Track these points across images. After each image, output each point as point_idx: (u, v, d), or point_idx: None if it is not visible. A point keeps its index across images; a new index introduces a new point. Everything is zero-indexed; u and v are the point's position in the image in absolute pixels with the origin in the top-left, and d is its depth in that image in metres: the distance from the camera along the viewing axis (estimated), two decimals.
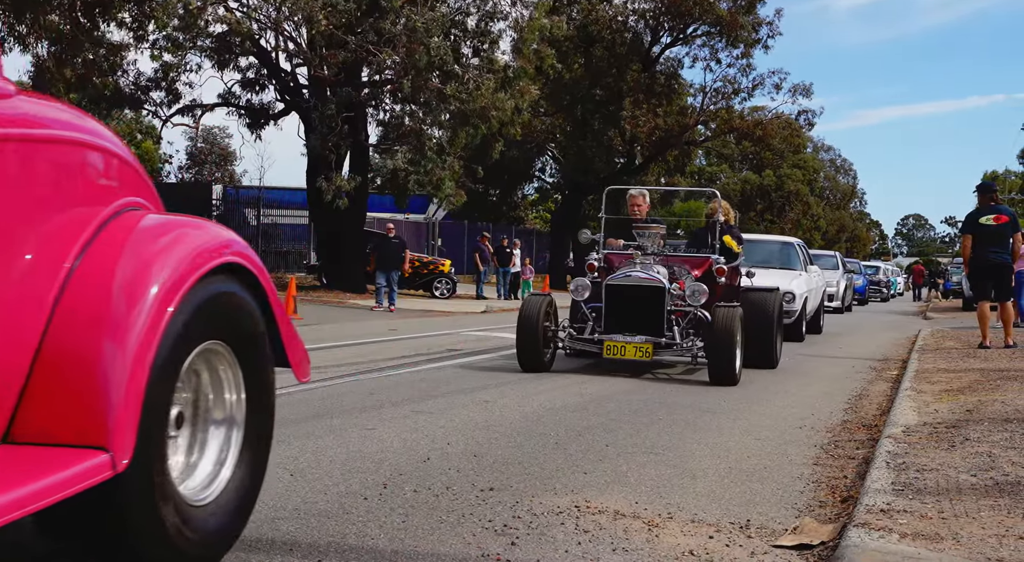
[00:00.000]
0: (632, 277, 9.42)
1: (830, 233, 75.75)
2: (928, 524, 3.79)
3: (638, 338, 9.19)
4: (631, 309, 9.37)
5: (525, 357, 9.45)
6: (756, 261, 15.46)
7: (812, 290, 16.21)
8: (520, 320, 9.43)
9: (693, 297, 9.30)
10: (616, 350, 9.15)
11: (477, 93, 23.07)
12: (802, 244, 17.88)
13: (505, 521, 4.03)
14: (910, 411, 6.82)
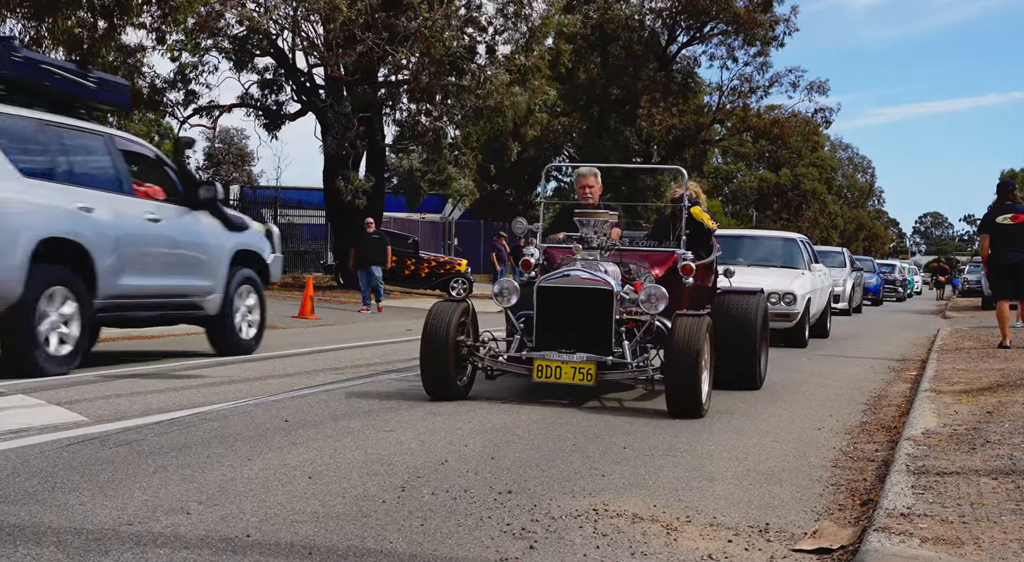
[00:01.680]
0: (571, 277, 7.39)
1: (848, 232, 75.45)
2: (949, 529, 3.77)
3: (578, 356, 7.10)
4: (570, 319, 7.33)
5: (431, 380, 7.35)
6: (757, 259, 14.82)
7: (816, 291, 14.81)
8: (424, 333, 7.34)
9: (649, 303, 7.23)
10: (549, 372, 7.07)
11: (491, 87, 23.08)
12: (806, 240, 16.62)
13: (523, 524, 4.03)
14: (929, 413, 6.79)
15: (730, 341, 8.39)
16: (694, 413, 6.86)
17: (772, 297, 12.84)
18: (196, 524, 3.86)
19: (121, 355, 10.43)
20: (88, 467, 4.81)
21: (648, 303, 7.26)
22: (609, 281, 7.36)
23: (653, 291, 7.27)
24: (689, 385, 6.79)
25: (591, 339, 7.26)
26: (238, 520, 3.93)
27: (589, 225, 7.79)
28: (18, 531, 3.69)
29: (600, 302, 7.31)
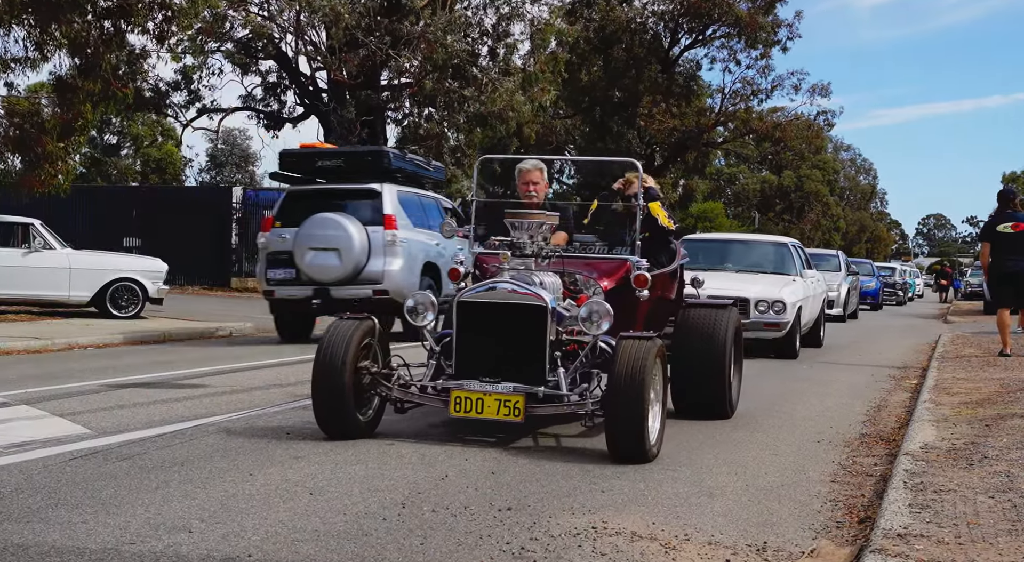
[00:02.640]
0: (497, 291, 6.17)
1: (850, 234, 75.44)
2: (945, 550, 3.80)
3: (504, 386, 5.92)
4: (495, 341, 6.14)
5: (325, 415, 6.14)
6: (746, 265, 14.25)
7: (809, 298, 14.01)
8: (317, 358, 6.11)
9: (590, 321, 6.02)
10: (469, 405, 5.89)
11: (495, 94, 23.17)
12: (798, 245, 15.72)
13: (523, 543, 4.06)
14: (928, 425, 6.82)
15: (694, 363, 7.37)
16: (637, 456, 5.66)
17: (760, 305, 12.53)
18: (198, 543, 3.89)
19: (126, 362, 10.48)
20: (91, 483, 4.85)
21: (589, 322, 6.02)
22: (543, 295, 6.08)
23: (595, 307, 6.02)
24: (631, 423, 5.56)
25: (520, 365, 6.06)
26: (239, 538, 3.97)
27: (522, 228, 6.40)
28: (22, 551, 3.73)
29: (531, 321, 6.06)
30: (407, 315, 6.39)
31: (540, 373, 6.04)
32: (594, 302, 6.11)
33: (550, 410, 6.02)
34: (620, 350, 5.72)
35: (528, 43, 25.13)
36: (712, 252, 14.74)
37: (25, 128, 15.23)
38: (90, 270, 15.63)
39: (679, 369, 7.24)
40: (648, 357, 5.66)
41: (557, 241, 6.97)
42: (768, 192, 64.83)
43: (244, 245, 27.84)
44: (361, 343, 6.18)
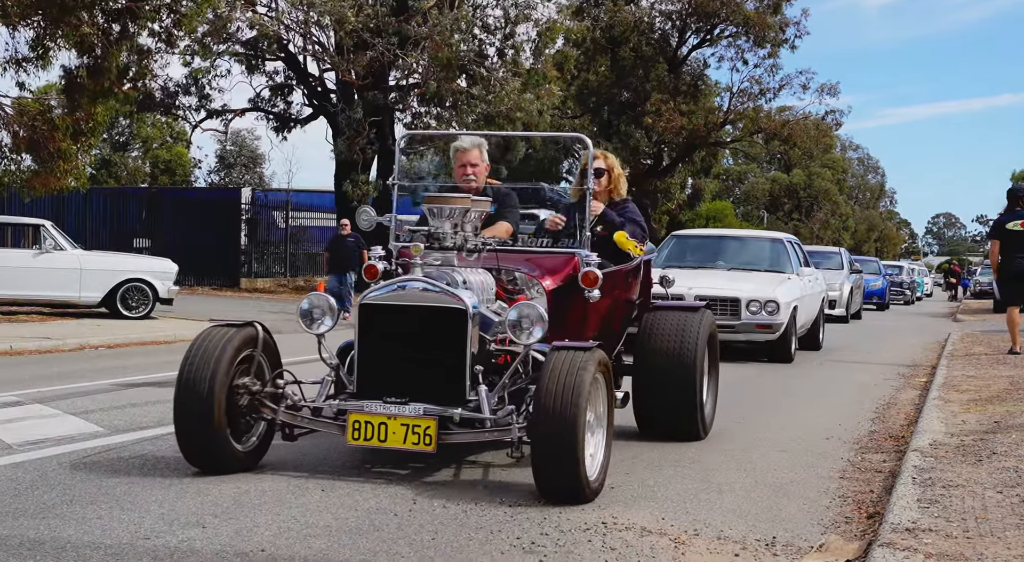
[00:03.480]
0: (407, 292, 5.11)
1: (859, 233, 75.34)
2: (953, 544, 3.82)
3: (412, 408, 4.86)
4: (404, 352, 5.11)
5: (189, 446, 5.04)
6: (739, 263, 13.47)
7: (805, 297, 13.13)
8: (181, 375, 5.04)
9: (519, 329, 4.97)
10: (370, 431, 4.83)
11: (502, 93, 23.20)
12: (795, 241, 14.85)
13: (533, 538, 4.09)
14: (937, 422, 6.83)
15: (659, 376, 6.30)
16: (572, 494, 4.62)
17: (752, 305, 11.85)
18: (211, 538, 3.93)
19: (136, 362, 10.53)
20: (105, 480, 4.89)
21: (518, 329, 4.95)
22: (462, 296, 5.03)
23: (525, 311, 4.96)
24: (563, 454, 4.50)
25: (434, 382, 5.02)
26: (252, 534, 4.00)
27: (442, 215, 5.35)
28: (38, 546, 3.77)
29: (447, 327, 5.01)
30: (300, 320, 5.32)
31: (458, 391, 4.97)
32: (524, 305, 4.99)
33: (468, 437, 4.88)
34: (549, 363, 4.65)
35: (535, 42, 25.16)
36: (703, 249, 14.21)
37: (36, 128, 15.30)
38: (101, 271, 15.70)
39: (641, 383, 6.35)
40: (585, 372, 4.59)
41: (497, 233, 5.93)
42: (777, 191, 64.78)
43: (253, 245, 27.93)
44: (238, 356, 5.05)
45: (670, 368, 6.28)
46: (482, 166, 6.19)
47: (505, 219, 6.15)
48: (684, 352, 6.29)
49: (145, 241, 26.25)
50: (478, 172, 6.15)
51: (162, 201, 28.23)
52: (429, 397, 4.94)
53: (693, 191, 46.08)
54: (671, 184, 39.83)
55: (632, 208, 6.54)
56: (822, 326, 14.59)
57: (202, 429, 4.93)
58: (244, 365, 5.12)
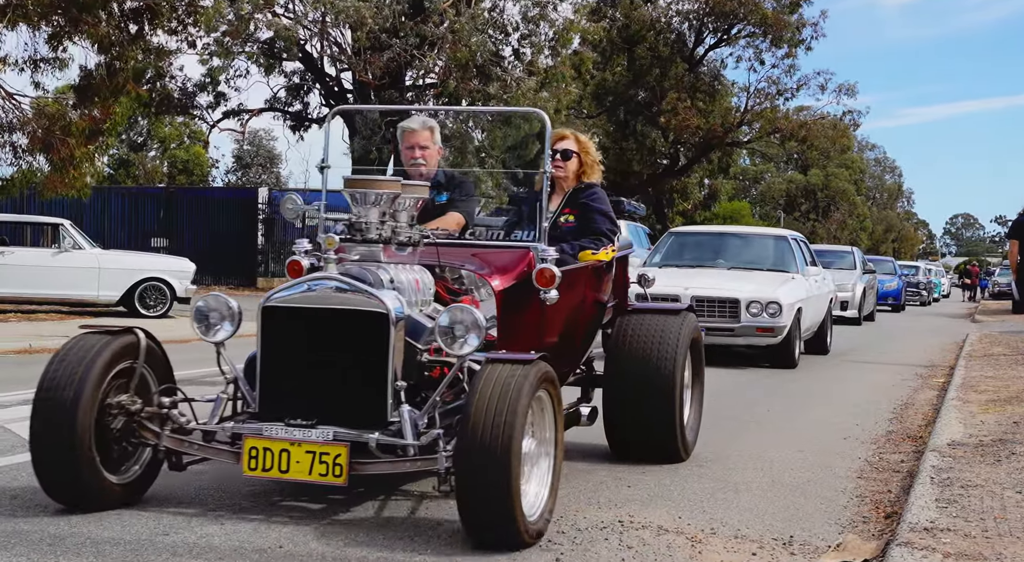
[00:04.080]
0: (317, 292, 4.29)
1: (876, 233, 75.05)
2: (971, 544, 3.81)
3: (320, 432, 4.06)
4: (313, 364, 4.27)
5: (48, 476, 4.15)
6: (741, 261, 12.77)
7: (811, 298, 12.31)
8: (39, 390, 4.20)
9: (451, 337, 4.14)
10: (269, 460, 4.01)
11: (518, 93, 23.24)
12: (801, 238, 14.10)
13: (549, 536, 4.09)
14: (956, 422, 6.80)
15: (633, 389, 5.51)
16: (504, 538, 3.84)
17: (752, 307, 11.14)
18: (230, 534, 3.95)
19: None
20: None
21: (449, 336, 4.10)
22: (383, 298, 4.16)
23: (458, 316, 4.10)
24: (492, 492, 3.70)
25: (349, 401, 4.17)
26: (270, 530, 4.02)
27: (366, 201, 4.48)
28: (58, 541, 3.80)
29: (364, 335, 4.17)
30: (194, 325, 4.46)
31: (378, 412, 4.13)
32: (457, 308, 4.12)
33: (386, 467, 4.03)
34: (479, 382, 3.83)
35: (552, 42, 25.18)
36: (702, 247, 13.52)
37: (52, 130, 15.40)
38: (119, 270, 15.79)
39: (612, 396, 5.59)
40: (522, 391, 3.78)
41: (445, 225, 5.24)
42: (794, 192, 64.60)
43: (270, 245, 28.04)
44: (112, 369, 4.20)
45: (645, 380, 5.47)
46: (433, 149, 5.51)
47: (457, 209, 5.37)
48: (661, 361, 5.49)
49: (163, 241, 26.41)
50: (428, 156, 5.47)
51: (179, 201, 28.37)
52: (343, 419, 4.10)
53: (709, 191, 46.00)
54: (687, 184, 39.75)
55: (599, 195, 5.71)
56: (830, 329, 13.86)
57: (64, 458, 4.04)
58: (122, 380, 4.26)
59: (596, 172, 5.85)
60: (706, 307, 11.00)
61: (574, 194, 5.69)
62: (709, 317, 10.95)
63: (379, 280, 4.33)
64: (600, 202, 5.69)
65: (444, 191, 5.48)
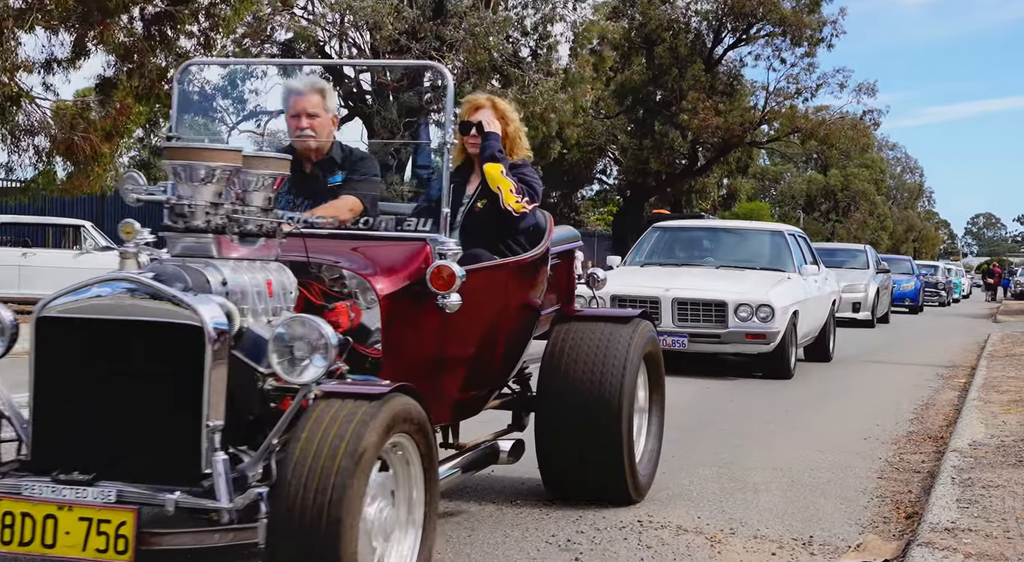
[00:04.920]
0: (106, 300, 3.08)
1: (897, 233, 74.68)
2: (993, 544, 3.79)
3: (98, 492, 2.85)
4: (98, 395, 3.05)
5: None
6: (732, 259, 11.52)
7: (809, 300, 11.05)
8: None
9: (287, 360, 3.02)
10: (29, 532, 2.80)
11: (536, 94, 23.25)
12: (799, 234, 12.89)
13: (569, 536, 4.10)
14: (977, 423, 6.76)
15: (569, 415, 4.43)
16: None
17: (741, 310, 9.85)
18: None
19: None
20: None
21: (285, 360, 3.03)
22: (196, 308, 3.02)
23: (298, 330, 3.03)
24: None
25: (144, 446, 3.03)
26: None
27: (192, 178, 3.35)
28: None
29: (169, 356, 3.05)
30: None
31: (186, 461, 2.96)
32: (298, 320, 3.04)
33: (187, 541, 2.86)
34: (303, 426, 2.84)
35: (571, 43, 25.19)
36: (690, 243, 12.32)
37: (75, 128, 15.50)
38: None
39: (545, 424, 4.51)
40: (362, 440, 2.77)
41: (334, 211, 4.00)
42: (814, 192, 64.35)
43: None
44: None
45: (584, 403, 4.41)
46: (325, 117, 4.27)
47: (354, 192, 4.18)
48: (605, 380, 4.42)
49: None
50: (318, 125, 4.25)
51: None
52: (138, 471, 2.94)
53: (728, 191, 45.94)
54: (706, 184, 39.66)
55: (529, 173, 4.58)
56: (832, 333, 12.53)
57: None
58: None
59: (522, 147, 4.67)
60: (690, 311, 9.96)
61: None
62: (693, 322, 9.89)
63: (203, 282, 3.15)
64: (531, 178, 4.52)
65: (340, 170, 4.30)
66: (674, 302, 9.91)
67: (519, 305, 4.51)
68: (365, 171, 4.37)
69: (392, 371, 3.46)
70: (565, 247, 5.05)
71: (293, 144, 4.31)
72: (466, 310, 3.78)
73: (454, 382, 4.07)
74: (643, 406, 4.92)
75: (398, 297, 3.68)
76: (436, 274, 3.69)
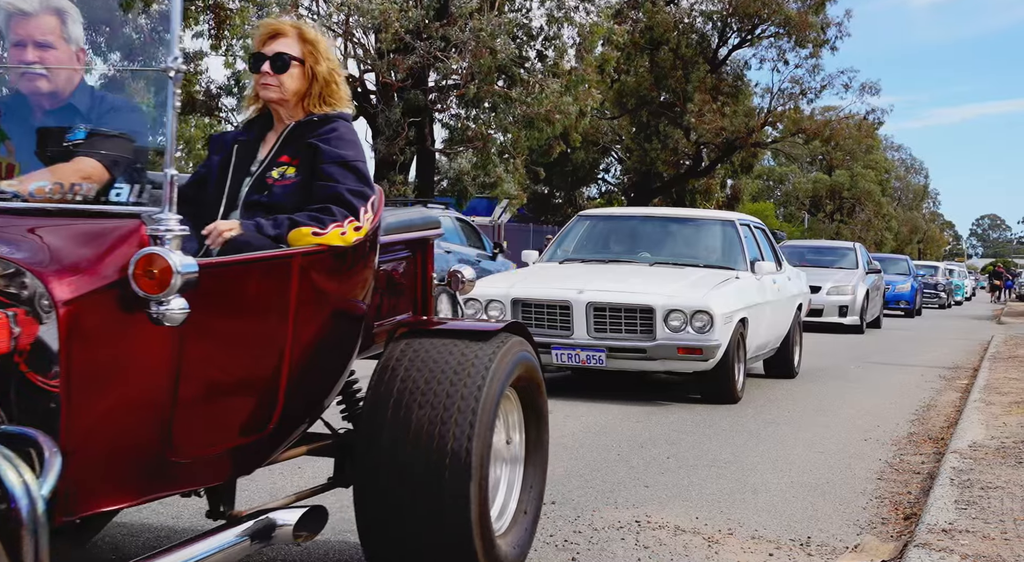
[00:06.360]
0: None
1: (902, 234, 74.61)
2: (990, 545, 3.79)
3: None
4: None
5: None
6: (672, 255, 9.37)
7: (765, 306, 9.04)
8: None
9: None
10: None
11: (542, 96, 23.27)
12: (756, 224, 10.57)
13: (566, 535, 4.10)
14: (978, 424, 6.76)
15: (397, 467, 3.14)
16: None
17: (672, 318, 7.82)
18: None
19: None
20: None
21: None
22: None
23: None
24: None
25: None
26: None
27: None
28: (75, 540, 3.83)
29: None
30: None
31: None
32: None
33: None
34: None
35: (577, 45, 25.18)
36: (622, 236, 10.07)
37: None
38: None
39: (367, 479, 3.20)
40: None
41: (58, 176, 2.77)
42: (819, 192, 64.31)
43: None
44: None
45: (418, 452, 3.12)
46: (63, 50, 3.08)
47: (95, 155, 2.89)
48: (450, 420, 3.12)
49: None
50: (50, 59, 3.06)
51: None
52: None
53: (732, 192, 45.87)
54: (711, 185, 39.65)
55: (343, 133, 3.31)
56: (798, 345, 10.52)
57: None
58: None
59: (339, 96, 3.39)
60: (609, 318, 7.94)
61: (298, 131, 3.32)
62: (613, 332, 7.91)
63: None
64: (344, 145, 3.27)
65: (82, 122, 3.04)
66: (589, 307, 7.92)
67: (324, 313, 3.15)
68: (119, 125, 3.06)
69: (82, 413, 2.33)
70: (413, 235, 3.85)
71: (18, 86, 3.16)
72: (214, 322, 2.61)
73: (210, 426, 2.77)
74: (516, 453, 3.66)
75: (89, 304, 2.37)
76: (141, 268, 2.38)
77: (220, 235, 3.01)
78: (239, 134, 3.46)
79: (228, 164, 3.33)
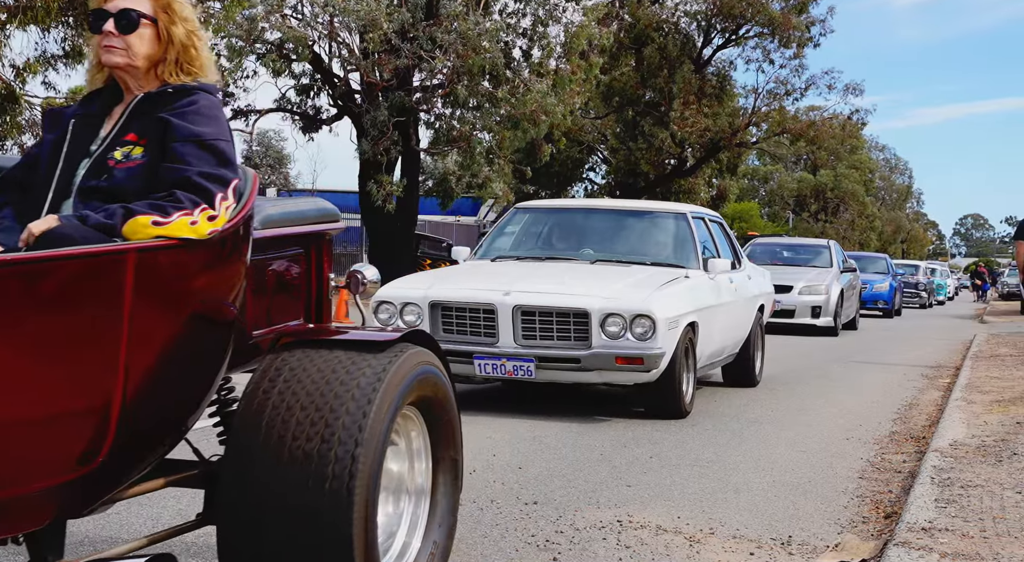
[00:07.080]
0: None
1: (886, 234, 74.92)
2: (969, 543, 3.81)
3: None
4: None
5: None
6: (615, 252, 8.46)
7: (717, 308, 8.18)
8: None
9: None
10: None
11: (527, 96, 23.29)
12: (712, 217, 9.61)
13: (548, 536, 4.10)
14: (959, 423, 6.79)
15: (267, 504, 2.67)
16: None
17: (610, 323, 6.92)
18: None
19: None
20: None
21: None
22: None
23: None
24: None
25: None
26: None
27: None
28: None
29: None
30: None
31: None
32: None
33: None
34: None
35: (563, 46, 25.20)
36: (562, 230, 9.10)
37: None
38: None
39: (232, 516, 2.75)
40: None
41: None
42: (803, 192, 64.53)
43: None
44: None
45: (293, 486, 2.67)
46: None
47: None
48: (331, 447, 2.67)
49: None
50: None
51: None
52: None
53: (717, 192, 46.00)
54: (696, 185, 39.72)
55: (203, 109, 2.77)
56: (758, 351, 9.64)
57: None
58: None
59: (200, 63, 2.88)
60: (538, 324, 7.03)
61: (148, 104, 2.78)
62: (543, 340, 7.00)
63: None
64: (202, 121, 2.74)
65: None
66: (516, 311, 7.01)
67: (174, 320, 2.55)
68: None
69: None
70: (305, 229, 3.34)
71: None
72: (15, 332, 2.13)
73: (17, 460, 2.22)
74: (421, 484, 3.22)
75: None
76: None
77: (31, 235, 2.46)
78: (78, 109, 2.87)
79: (62, 143, 2.76)
